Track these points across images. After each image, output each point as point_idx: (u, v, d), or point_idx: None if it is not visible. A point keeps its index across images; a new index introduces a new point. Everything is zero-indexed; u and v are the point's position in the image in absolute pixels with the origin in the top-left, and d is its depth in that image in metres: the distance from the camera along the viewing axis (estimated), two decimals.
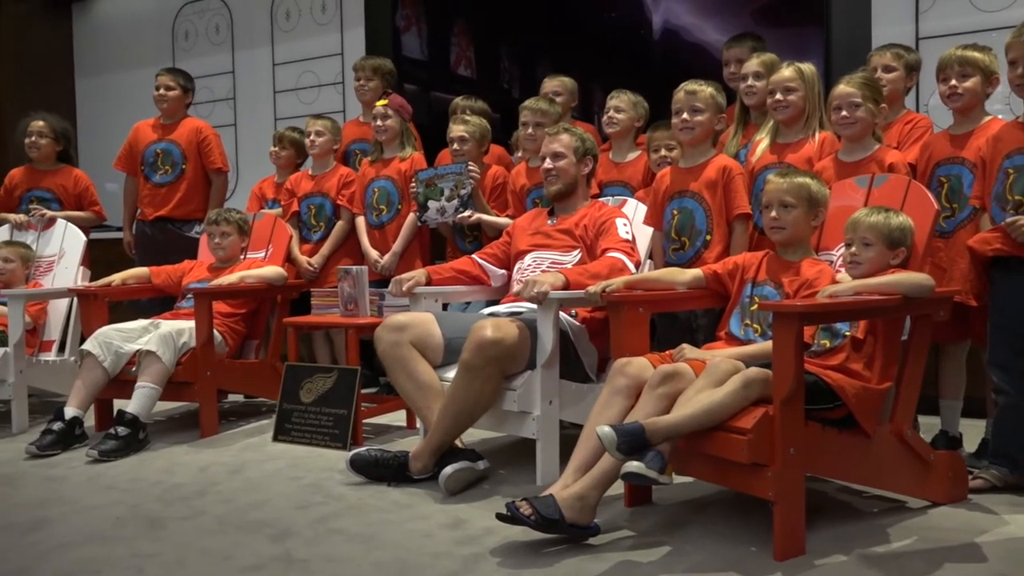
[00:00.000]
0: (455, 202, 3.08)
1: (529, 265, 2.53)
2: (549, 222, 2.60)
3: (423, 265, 3.18)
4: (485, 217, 3.07)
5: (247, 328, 3.16)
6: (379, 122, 3.32)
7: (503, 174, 3.20)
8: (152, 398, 2.75)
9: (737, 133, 2.72)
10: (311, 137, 3.47)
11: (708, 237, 2.45)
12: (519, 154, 3.27)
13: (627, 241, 2.42)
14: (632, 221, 2.56)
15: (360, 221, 3.40)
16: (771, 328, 1.75)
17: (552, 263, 2.49)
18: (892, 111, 2.48)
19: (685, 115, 2.45)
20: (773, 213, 2.06)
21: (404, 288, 2.48)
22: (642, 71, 3.70)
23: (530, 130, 3.02)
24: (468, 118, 3.16)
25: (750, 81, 2.66)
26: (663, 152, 2.78)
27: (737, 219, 2.44)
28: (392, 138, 3.34)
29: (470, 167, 3.06)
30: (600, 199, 2.71)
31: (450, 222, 3.15)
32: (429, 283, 2.54)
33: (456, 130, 3.14)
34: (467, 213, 3.06)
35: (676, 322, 2.49)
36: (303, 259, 3.42)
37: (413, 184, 3.17)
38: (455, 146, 3.15)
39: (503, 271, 2.66)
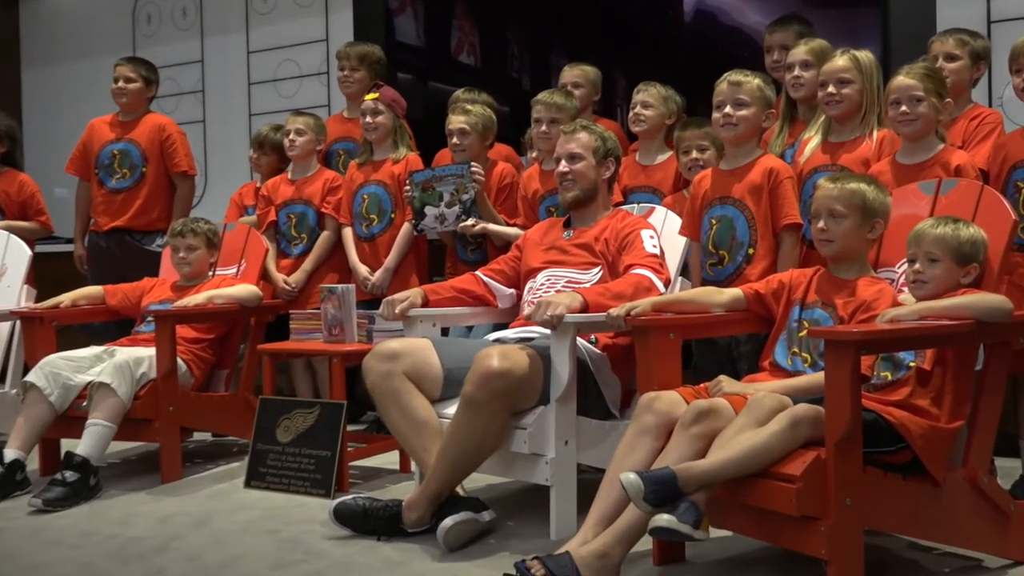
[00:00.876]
0: (456, 208, 3.10)
1: (542, 284, 2.54)
2: (565, 235, 2.61)
3: (419, 283, 3.19)
4: (491, 227, 3.09)
5: (216, 356, 3.18)
6: (368, 119, 3.33)
7: (511, 173, 3.21)
8: (105, 438, 2.76)
9: (783, 130, 2.73)
10: (291, 136, 3.49)
11: (751, 250, 2.45)
12: (532, 154, 3.29)
13: (654, 256, 2.43)
14: (660, 233, 2.57)
15: (347, 233, 3.42)
16: (823, 358, 1.74)
17: (568, 282, 2.50)
18: (956, 106, 2.49)
19: (728, 109, 2.46)
20: (820, 223, 2.06)
21: (397, 310, 2.49)
22: (671, 59, 3.72)
23: (544, 127, 3.04)
24: (469, 107, 3.18)
25: (797, 71, 2.68)
26: (694, 154, 2.80)
27: (785, 230, 2.45)
28: (383, 137, 3.36)
29: (473, 168, 3.08)
30: (624, 207, 2.73)
31: (451, 231, 3.17)
32: (426, 304, 2.54)
33: (455, 121, 3.16)
34: (470, 222, 3.08)
35: (714, 350, 2.50)
36: (280, 276, 3.44)
37: (408, 187, 3.20)
38: (455, 140, 3.17)
39: (511, 290, 2.66)
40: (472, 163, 3.10)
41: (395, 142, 3.37)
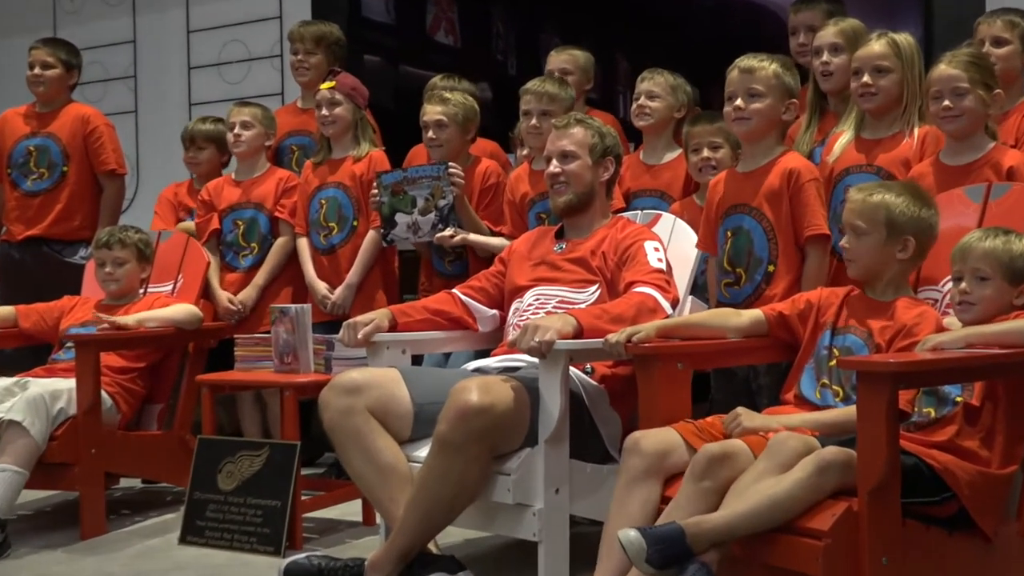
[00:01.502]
0: (432, 216, 3.11)
1: (530, 305, 2.54)
2: (556, 247, 2.62)
3: (387, 302, 3.19)
4: (473, 237, 3.11)
5: (147, 389, 3.17)
6: (324, 111, 3.34)
7: (496, 171, 3.24)
8: (16, 485, 2.74)
9: (811, 125, 2.75)
10: (235, 130, 3.50)
11: (770, 268, 2.47)
12: (522, 152, 3.30)
13: (660, 272, 2.44)
14: (667, 244, 2.58)
15: (303, 244, 3.43)
16: (856, 391, 1.75)
17: (560, 302, 2.50)
18: (1008, 97, 2.50)
19: (739, 101, 2.48)
20: (843, 241, 2.10)
21: (360, 335, 2.47)
22: (682, 42, 3.76)
23: (534, 121, 3.05)
24: (447, 95, 3.20)
25: (825, 56, 2.70)
26: (706, 152, 2.82)
27: (810, 242, 2.46)
28: (342, 131, 3.38)
29: (452, 169, 3.10)
30: (626, 214, 2.74)
31: (425, 242, 3.19)
32: (394, 328, 2.53)
33: (431, 112, 3.18)
34: (448, 232, 3.09)
35: (731, 381, 2.51)
36: (224, 294, 3.44)
37: (375, 191, 3.21)
38: (430, 133, 3.19)
39: (494, 312, 2.66)
40: (450, 163, 3.11)
41: (356, 137, 3.39)
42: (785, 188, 2.46)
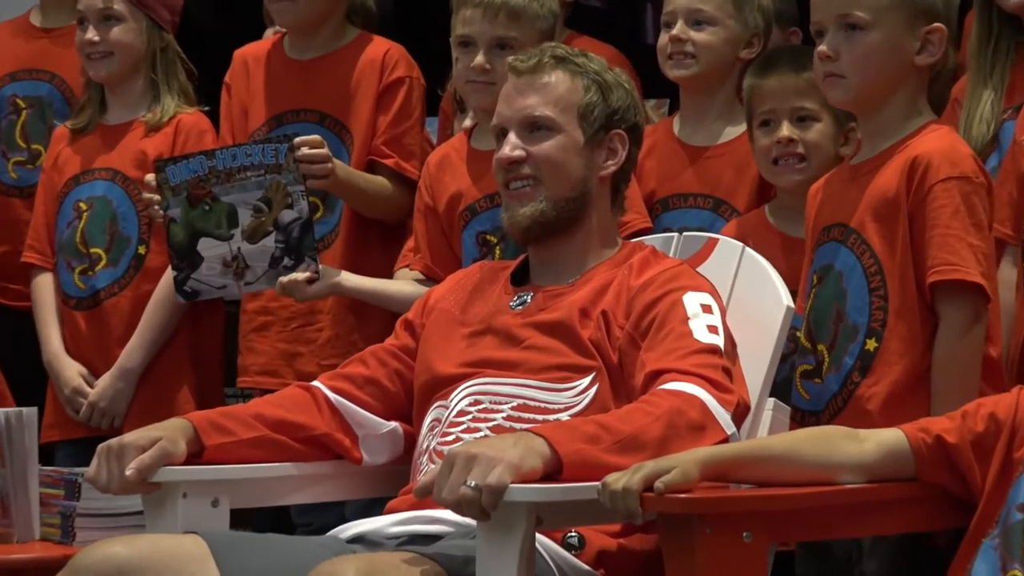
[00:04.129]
0: (269, 241, 3.15)
1: (464, 413, 2.57)
2: (515, 302, 2.66)
3: (199, 405, 3.25)
4: (353, 282, 3.16)
5: None
6: (92, 34, 3.44)
7: (404, 59, 3.66)
8: None
9: (987, 84, 2.83)
10: None
11: (871, 343, 2.56)
12: (467, 123, 3.43)
13: (713, 351, 2.46)
14: (728, 298, 2.67)
15: (43, 285, 3.51)
16: None
17: (521, 409, 2.54)
18: None
19: (843, 41, 2.59)
20: None
21: (130, 470, 2.47)
22: None
23: (480, 58, 3.21)
24: None
25: None
26: (785, 129, 2.88)
27: (943, 295, 2.53)
28: (125, 74, 3.53)
29: (304, 149, 3.14)
30: (648, 240, 2.82)
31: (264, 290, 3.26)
32: (199, 456, 2.57)
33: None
34: (302, 273, 3.12)
35: (823, 559, 2.55)
36: None
37: (154, 194, 3.23)
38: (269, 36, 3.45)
39: (393, 425, 2.73)
40: (298, 137, 3.16)
41: (153, 85, 3.51)
42: (904, 193, 2.53)
